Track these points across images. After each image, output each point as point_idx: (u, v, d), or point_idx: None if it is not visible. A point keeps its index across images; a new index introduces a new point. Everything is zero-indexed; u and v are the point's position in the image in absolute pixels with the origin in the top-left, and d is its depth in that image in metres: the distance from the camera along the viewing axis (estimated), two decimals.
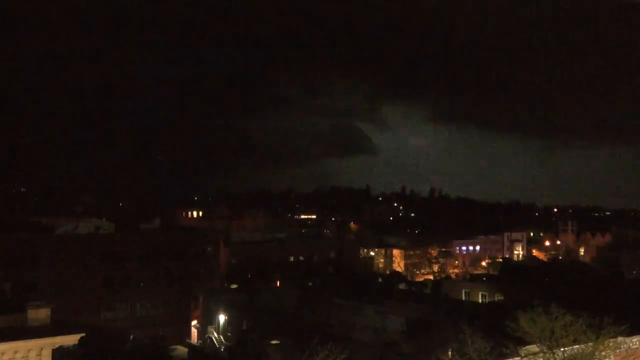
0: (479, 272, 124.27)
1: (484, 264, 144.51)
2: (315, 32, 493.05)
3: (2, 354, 25.14)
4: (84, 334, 27.56)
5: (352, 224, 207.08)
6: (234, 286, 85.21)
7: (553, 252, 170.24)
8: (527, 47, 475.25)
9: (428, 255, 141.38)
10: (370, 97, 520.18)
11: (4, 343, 25.13)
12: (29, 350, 25.81)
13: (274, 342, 47.13)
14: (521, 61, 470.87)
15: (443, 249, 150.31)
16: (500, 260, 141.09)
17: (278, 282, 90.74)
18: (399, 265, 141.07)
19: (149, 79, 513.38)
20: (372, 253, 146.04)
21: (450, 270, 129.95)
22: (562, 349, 32.71)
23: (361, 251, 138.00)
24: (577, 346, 32.57)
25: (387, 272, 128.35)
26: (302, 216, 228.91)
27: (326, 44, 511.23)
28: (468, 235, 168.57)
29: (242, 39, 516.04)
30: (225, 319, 66.10)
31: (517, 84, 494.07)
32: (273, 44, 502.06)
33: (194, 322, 78.43)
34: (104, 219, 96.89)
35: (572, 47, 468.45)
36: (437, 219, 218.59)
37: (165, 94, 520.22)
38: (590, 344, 32.39)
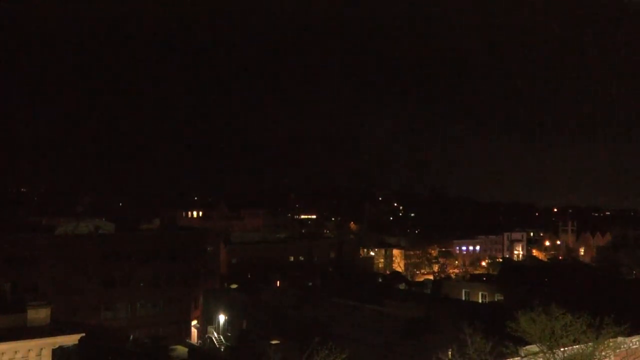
0: (479, 272, 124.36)
1: (484, 264, 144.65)
2: (311, 33, 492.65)
3: (2, 354, 25.12)
4: (84, 334, 27.53)
5: (352, 224, 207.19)
6: (234, 286, 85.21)
7: (553, 252, 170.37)
8: (528, 47, 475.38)
9: (428, 255, 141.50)
10: (370, 97, 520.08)
11: (4, 343, 25.11)
12: (29, 350, 25.80)
13: (274, 342, 47.16)
14: (522, 61, 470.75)
15: (443, 249, 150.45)
16: (500, 260, 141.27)
17: (278, 282, 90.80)
18: (399, 265, 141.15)
19: (149, 78, 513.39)
20: (372, 253, 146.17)
21: (450, 270, 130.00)
22: (562, 349, 32.71)
23: (361, 251, 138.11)
24: (577, 346, 32.57)
25: (387, 272, 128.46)
26: (302, 216, 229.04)
27: (323, 45, 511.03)
28: (468, 235, 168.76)
29: (243, 38, 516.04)
30: (225, 319, 66.12)
31: (517, 83, 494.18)
32: (272, 44, 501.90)
33: (194, 322, 78.44)
34: (104, 219, 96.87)
35: (572, 47, 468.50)
36: (437, 219, 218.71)
37: (165, 93, 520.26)
38: (590, 344, 32.39)
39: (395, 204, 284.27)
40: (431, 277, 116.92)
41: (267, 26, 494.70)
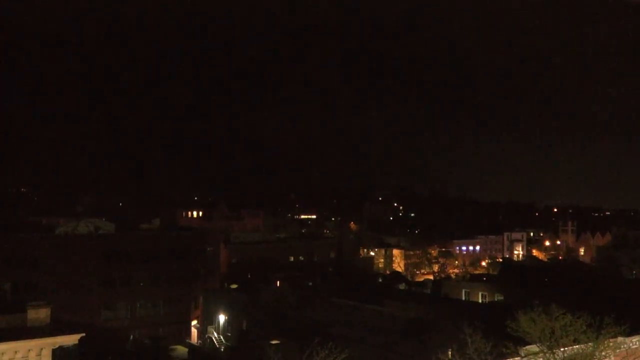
0: (479, 272, 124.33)
1: (484, 264, 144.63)
2: (310, 32, 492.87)
3: (2, 354, 25.15)
4: (84, 334, 27.57)
5: (352, 224, 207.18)
6: (234, 286, 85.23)
7: (553, 252, 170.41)
8: (527, 46, 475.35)
9: (428, 255, 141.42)
10: (369, 96, 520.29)
11: (4, 343, 25.14)
12: (29, 350, 25.82)
13: (274, 342, 47.12)
14: (521, 61, 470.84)
15: (443, 249, 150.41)
16: (500, 260, 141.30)
17: (278, 282, 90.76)
18: (399, 265, 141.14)
19: (149, 77, 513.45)
20: (372, 253, 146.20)
21: (450, 270, 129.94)
22: (562, 349, 32.72)
23: (361, 251, 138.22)
24: (577, 346, 32.59)
25: (387, 272, 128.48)
26: (302, 216, 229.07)
27: (323, 45, 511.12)
28: (468, 235, 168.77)
29: (244, 38, 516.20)
30: (225, 319, 66.11)
31: (516, 83, 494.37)
32: (272, 43, 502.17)
33: (194, 322, 78.45)
34: (104, 219, 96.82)
35: (570, 47, 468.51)
36: (437, 219, 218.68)
37: (165, 93, 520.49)
38: (590, 344, 32.42)
39: (395, 204, 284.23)
40: (431, 277, 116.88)
41: (267, 26, 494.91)
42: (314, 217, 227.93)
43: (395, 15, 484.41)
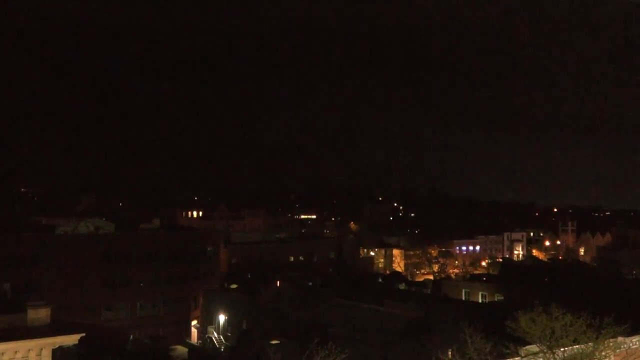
0: (479, 272, 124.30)
1: (484, 264, 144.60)
2: (311, 33, 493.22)
3: (2, 354, 25.13)
4: (84, 334, 27.53)
5: (352, 224, 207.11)
6: (234, 286, 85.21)
7: (553, 252, 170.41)
8: (528, 47, 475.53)
9: (428, 255, 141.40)
10: (371, 97, 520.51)
11: (4, 343, 25.11)
12: (29, 350, 25.79)
13: (274, 342, 47.11)
14: (521, 62, 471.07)
15: (443, 249, 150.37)
16: (500, 260, 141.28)
17: (278, 282, 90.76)
18: (399, 265, 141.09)
19: (149, 78, 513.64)
20: (372, 253, 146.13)
21: (450, 270, 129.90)
22: (562, 349, 32.72)
23: (361, 251, 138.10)
24: (577, 346, 32.58)
25: (387, 272, 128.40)
26: (302, 216, 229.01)
27: (323, 45, 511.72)
28: (468, 235, 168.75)
29: (243, 39, 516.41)
30: (225, 319, 66.12)
31: (517, 84, 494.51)
32: (272, 44, 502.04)
33: (194, 322, 78.43)
34: (104, 219, 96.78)
35: (571, 47, 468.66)
36: (437, 219, 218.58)
37: (165, 93, 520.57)
38: (590, 344, 32.41)
39: (395, 204, 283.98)
40: (431, 277, 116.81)
41: (267, 27, 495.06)
42: (314, 217, 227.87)
43: (396, 17, 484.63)
